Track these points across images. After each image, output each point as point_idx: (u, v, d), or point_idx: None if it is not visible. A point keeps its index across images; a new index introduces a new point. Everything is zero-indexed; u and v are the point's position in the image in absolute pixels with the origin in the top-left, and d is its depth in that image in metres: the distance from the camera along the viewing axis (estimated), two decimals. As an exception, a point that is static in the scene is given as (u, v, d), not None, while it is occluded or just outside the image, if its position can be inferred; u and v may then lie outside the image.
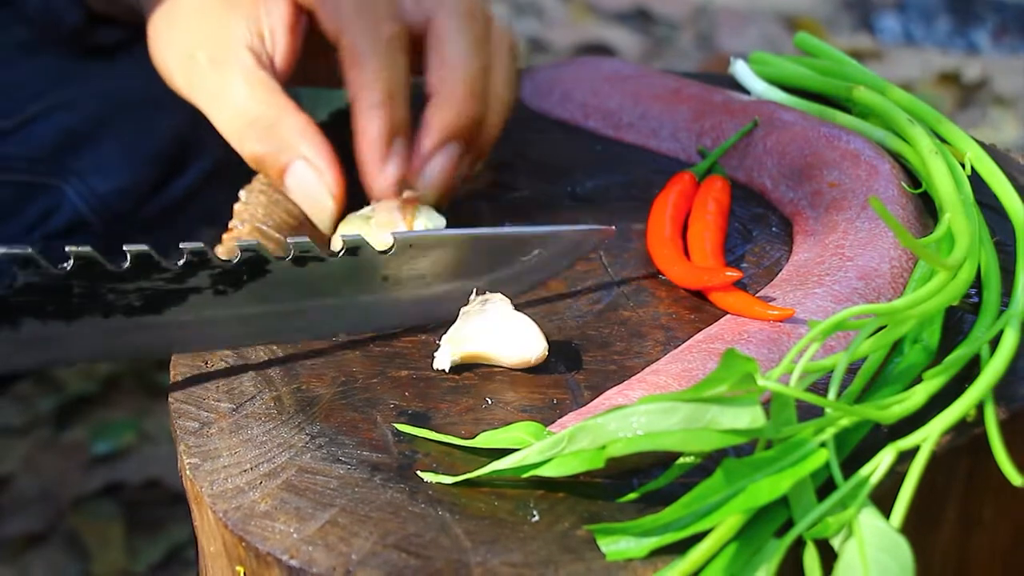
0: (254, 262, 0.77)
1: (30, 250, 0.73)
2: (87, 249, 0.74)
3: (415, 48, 0.89)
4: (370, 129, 0.85)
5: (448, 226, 0.86)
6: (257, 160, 0.87)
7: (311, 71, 0.94)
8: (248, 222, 0.89)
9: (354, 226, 0.84)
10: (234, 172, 0.91)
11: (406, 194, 0.85)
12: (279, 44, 0.89)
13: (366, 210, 0.85)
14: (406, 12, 0.88)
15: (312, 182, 0.85)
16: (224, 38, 0.88)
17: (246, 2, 0.89)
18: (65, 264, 0.74)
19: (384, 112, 0.85)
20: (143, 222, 1.15)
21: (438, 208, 0.87)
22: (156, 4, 0.94)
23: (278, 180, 0.87)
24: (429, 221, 0.84)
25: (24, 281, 0.73)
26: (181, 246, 0.76)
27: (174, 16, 0.92)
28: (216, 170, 1.15)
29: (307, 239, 0.77)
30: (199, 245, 0.76)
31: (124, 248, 0.74)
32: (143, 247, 0.75)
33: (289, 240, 0.77)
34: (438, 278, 0.80)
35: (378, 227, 0.82)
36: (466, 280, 0.81)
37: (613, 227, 0.84)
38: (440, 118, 0.86)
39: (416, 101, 0.89)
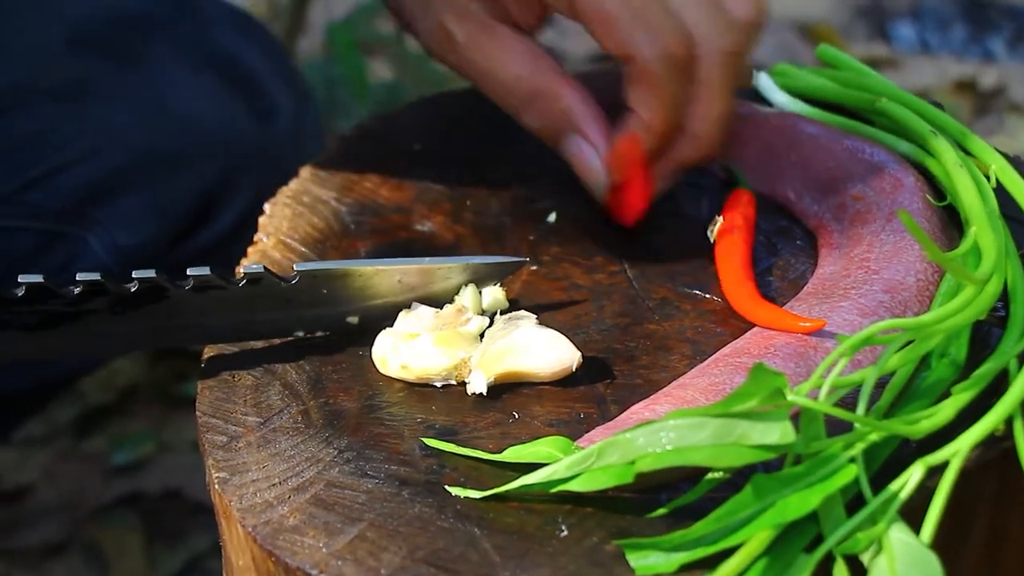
0: (150, 291, 0.78)
1: None
2: None
3: None
4: (642, 148, 0.87)
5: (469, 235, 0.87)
6: (536, 130, 0.90)
7: None
8: (273, 235, 0.90)
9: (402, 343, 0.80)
10: (255, 229, 0.92)
11: None
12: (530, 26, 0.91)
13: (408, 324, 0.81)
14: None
15: (589, 157, 0.88)
16: (490, 12, 0.89)
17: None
18: None
19: (657, 139, 0.87)
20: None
21: None
22: None
23: (556, 146, 0.90)
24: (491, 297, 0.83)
25: None
26: (77, 276, 0.77)
27: None
28: (238, 226, 1.14)
29: (207, 270, 0.78)
30: (96, 277, 0.77)
31: (19, 278, 0.76)
32: (38, 278, 0.76)
33: (189, 271, 0.78)
34: (345, 302, 0.81)
35: (436, 344, 0.78)
36: (373, 301, 0.82)
37: (527, 259, 0.86)
38: (686, 155, 0.89)
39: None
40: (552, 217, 0.92)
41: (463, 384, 0.77)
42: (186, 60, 1.13)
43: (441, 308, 0.80)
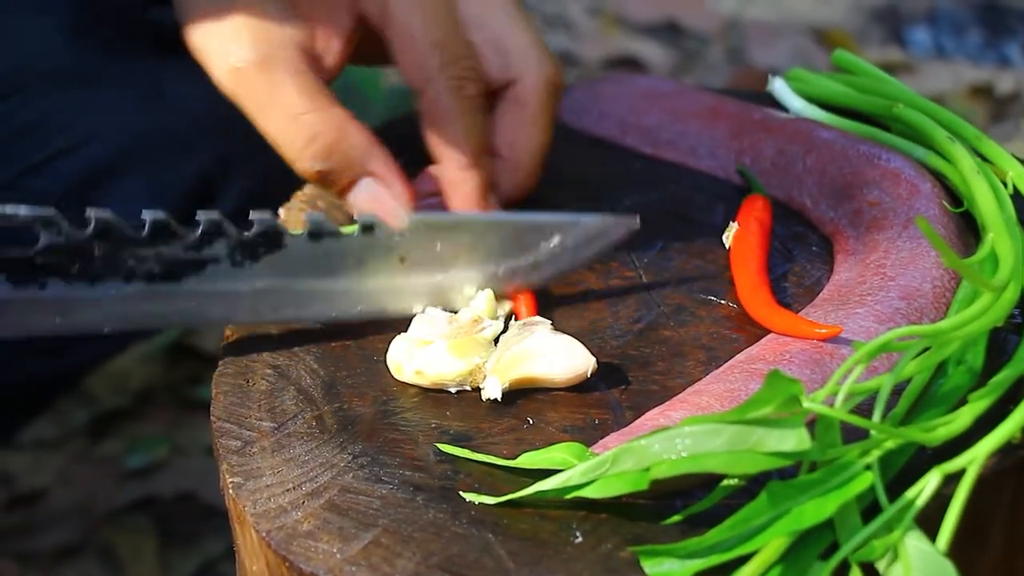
0: (270, 235, 0.78)
1: (53, 211, 0.74)
2: (107, 213, 0.75)
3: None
4: (464, 188, 0.86)
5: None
6: (320, 177, 0.85)
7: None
8: (288, 240, 0.89)
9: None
10: (261, 209, 0.92)
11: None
12: (332, 50, 0.88)
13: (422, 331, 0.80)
14: (490, 67, 0.88)
15: (384, 198, 0.85)
16: (275, 34, 0.85)
17: (304, 2, 0.87)
18: (86, 227, 0.75)
19: (475, 173, 0.86)
20: None
21: None
22: None
23: (341, 196, 0.86)
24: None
25: (47, 242, 0.75)
26: (197, 216, 0.76)
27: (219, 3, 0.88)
28: (243, 208, 1.15)
29: (322, 215, 0.79)
30: (215, 215, 0.77)
31: (143, 215, 0.76)
32: (161, 213, 0.76)
33: (304, 216, 0.78)
34: (455, 261, 0.81)
35: (451, 351, 0.77)
36: (483, 265, 0.82)
37: (637, 217, 0.83)
38: (505, 187, 0.89)
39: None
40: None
41: (478, 390, 0.77)
42: (184, 46, 1.13)
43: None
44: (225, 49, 0.86)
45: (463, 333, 0.77)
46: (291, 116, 0.85)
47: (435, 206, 0.87)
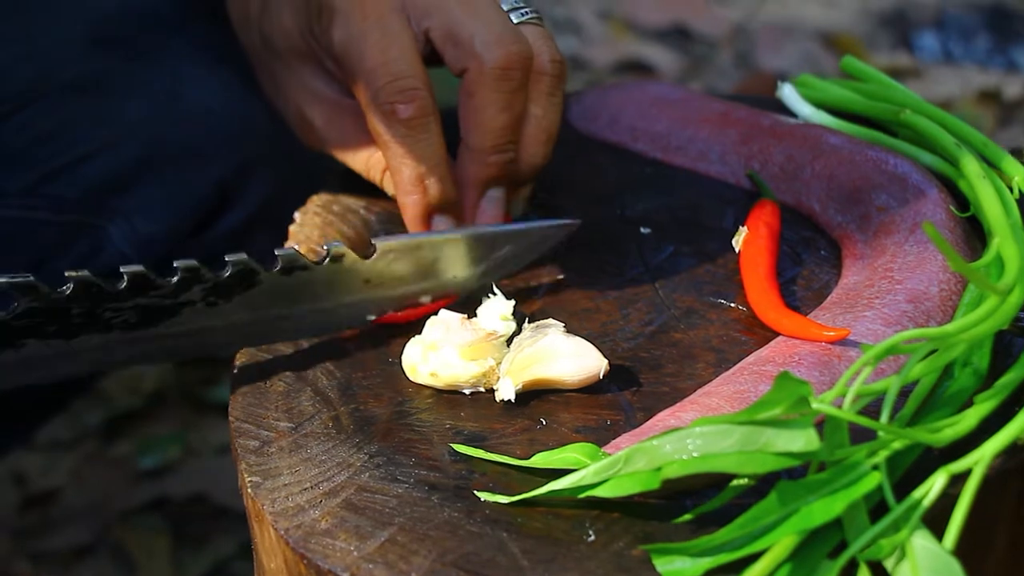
0: (244, 275, 0.80)
1: (31, 277, 0.76)
2: (85, 273, 0.77)
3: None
4: (407, 211, 0.89)
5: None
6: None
7: None
8: (303, 243, 0.91)
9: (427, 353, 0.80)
10: (276, 217, 0.93)
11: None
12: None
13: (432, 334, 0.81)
14: (447, 58, 0.89)
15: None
16: (326, 94, 0.93)
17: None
18: (64, 288, 0.76)
19: (414, 196, 0.88)
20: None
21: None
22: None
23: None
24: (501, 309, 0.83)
25: (24, 307, 0.76)
26: (175, 263, 0.78)
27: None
28: (259, 214, 1.16)
29: (293, 250, 0.81)
30: (192, 262, 0.79)
31: (120, 269, 0.77)
32: (139, 267, 0.77)
33: (276, 251, 0.80)
34: (416, 277, 0.84)
35: (463, 356, 0.79)
36: (440, 277, 0.85)
37: (578, 220, 0.88)
38: (472, 173, 0.89)
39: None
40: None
41: (491, 391, 0.78)
42: (202, 56, 1.15)
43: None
44: (308, 112, 0.94)
45: (476, 341, 0.78)
46: (369, 155, 0.92)
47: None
